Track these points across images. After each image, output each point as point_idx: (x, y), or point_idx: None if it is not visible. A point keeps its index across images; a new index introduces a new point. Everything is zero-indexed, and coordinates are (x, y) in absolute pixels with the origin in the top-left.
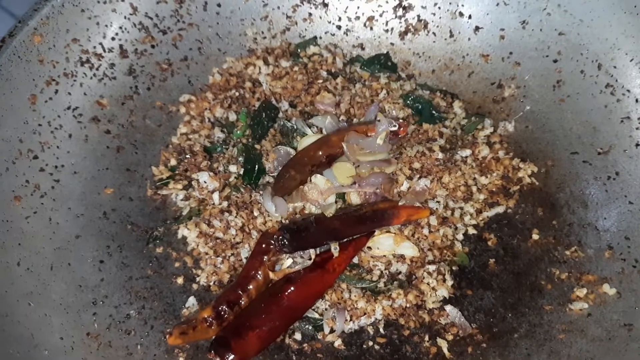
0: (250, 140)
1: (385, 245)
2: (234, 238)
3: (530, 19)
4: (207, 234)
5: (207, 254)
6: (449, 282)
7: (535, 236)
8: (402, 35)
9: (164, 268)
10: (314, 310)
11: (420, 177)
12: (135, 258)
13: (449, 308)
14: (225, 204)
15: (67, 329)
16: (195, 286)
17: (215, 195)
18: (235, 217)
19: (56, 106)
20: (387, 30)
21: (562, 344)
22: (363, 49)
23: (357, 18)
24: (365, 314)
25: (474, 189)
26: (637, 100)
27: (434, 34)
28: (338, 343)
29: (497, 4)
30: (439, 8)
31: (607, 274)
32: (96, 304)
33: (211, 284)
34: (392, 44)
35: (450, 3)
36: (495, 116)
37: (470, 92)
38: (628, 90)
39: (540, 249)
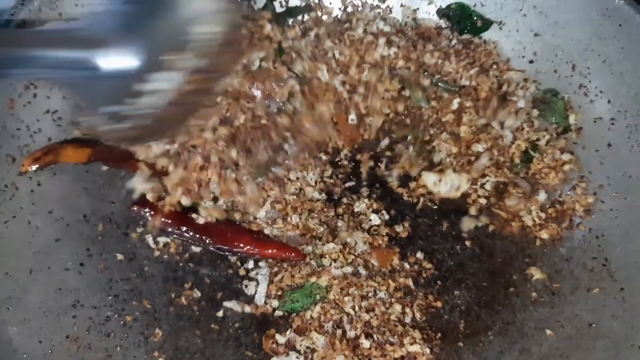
0: None
1: None
2: None
3: (506, 19)
4: None
5: None
6: None
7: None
8: None
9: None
10: None
11: None
12: (116, 260)
13: None
14: None
15: (46, 332)
16: None
17: None
18: None
19: (35, 110)
20: None
21: (533, 341)
22: None
23: None
24: None
25: None
26: (609, 102)
27: None
28: None
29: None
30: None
31: (577, 273)
32: (76, 307)
33: None
34: None
35: (429, 3)
36: None
37: None
38: (601, 91)
39: (515, 248)
